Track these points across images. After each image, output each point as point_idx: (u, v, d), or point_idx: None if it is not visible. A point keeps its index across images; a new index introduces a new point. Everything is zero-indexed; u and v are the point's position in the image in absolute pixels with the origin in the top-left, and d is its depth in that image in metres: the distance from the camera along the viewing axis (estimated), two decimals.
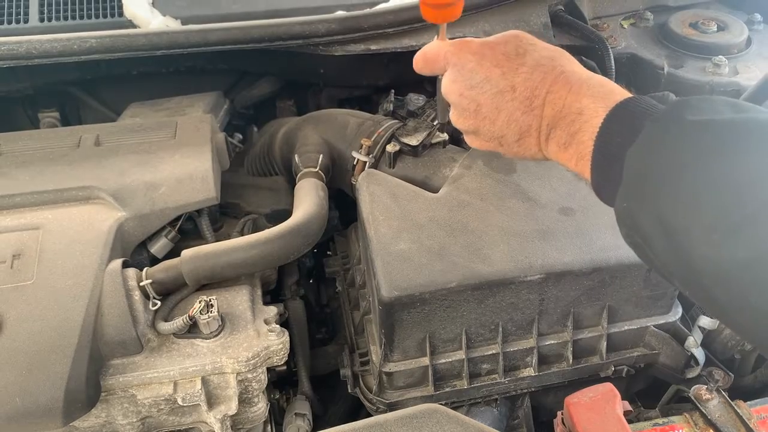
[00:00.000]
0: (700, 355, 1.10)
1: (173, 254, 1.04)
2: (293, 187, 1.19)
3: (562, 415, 0.93)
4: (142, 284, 0.94)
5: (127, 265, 0.97)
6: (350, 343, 1.20)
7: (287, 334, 0.96)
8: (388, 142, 1.18)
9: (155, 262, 1.05)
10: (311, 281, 1.45)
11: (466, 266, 0.95)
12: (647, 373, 1.15)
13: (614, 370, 1.09)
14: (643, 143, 0.62)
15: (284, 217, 1.08)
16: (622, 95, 0.69)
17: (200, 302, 0.92)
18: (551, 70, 0.75)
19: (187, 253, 0.99)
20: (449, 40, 0.86)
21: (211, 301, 0.93)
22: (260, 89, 1.52)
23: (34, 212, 1.02)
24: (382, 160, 1.18)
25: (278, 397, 1.16)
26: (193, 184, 1.07)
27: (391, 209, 1.04)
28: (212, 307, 0.92)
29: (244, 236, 1.05)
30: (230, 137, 1.29)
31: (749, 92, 1.21)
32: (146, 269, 0.98)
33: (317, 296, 1.44)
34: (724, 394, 0.97)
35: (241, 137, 1.40)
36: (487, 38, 0.82)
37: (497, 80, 0.78)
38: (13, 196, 1.03)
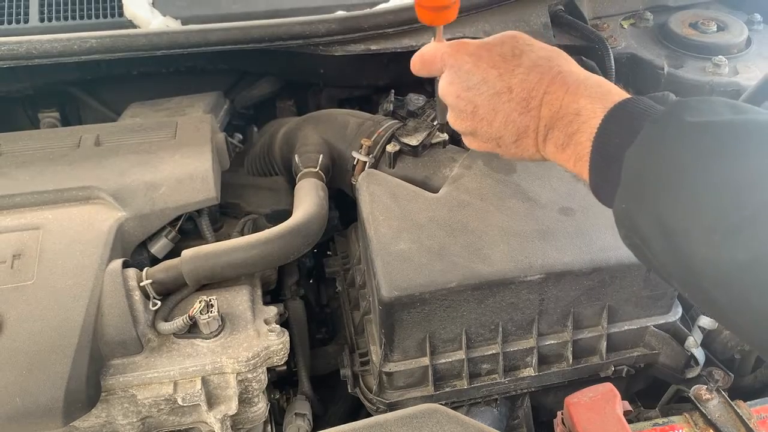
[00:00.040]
0: (700, 355, 1.10)
1: (173, 254, 1.04)
2: (293, 187, 1.19)
3: (562, 415, 0.93)
4: (142, 284, 0.95)
5: (127, 265, 0.97)
6: (350, 343, 1.20)
7: (287, 334, 0.96)
8: (388, 142, 1.18)
9: (155, 262, 1.05)
10: (311, 281, 1.45)
11: (466, 266, 0.96)
12: (647, 373, 1.15)
13: (614, 370, 1.09)
14: (642, 144, 0.62)
15: (284, 217, 1.08)
16: (620, 96, 0.69)
17: (200, 302, 0.92)
18: (548, 70, 0.75)
19: (187, 253, 0.99)
20: (447, 41, 0.85)
21: (211, 301, 0.93)
22: (260, 89, 1.52)
23: (34, 212, 1.02)
24: (382, 160, 1.18)
25: (278, 397, 1.16)
26: (193, 184, 1.07)
27: (391, 209, 1.04)
28: (212, 307, 0.93)
29: (244, 236, 1.05)
30: (230, 137, 1.29)
31: (749, 92, 1.21)
32: (146, 269, 0.98)
33: (317, 296, 1.44)
34: (724, 394, 0.97)
35: (241, 137, 1.40)
36: (483, 39, 0.82)
37: (494, 81, 0.77)
38: (13, 196, 1.03)
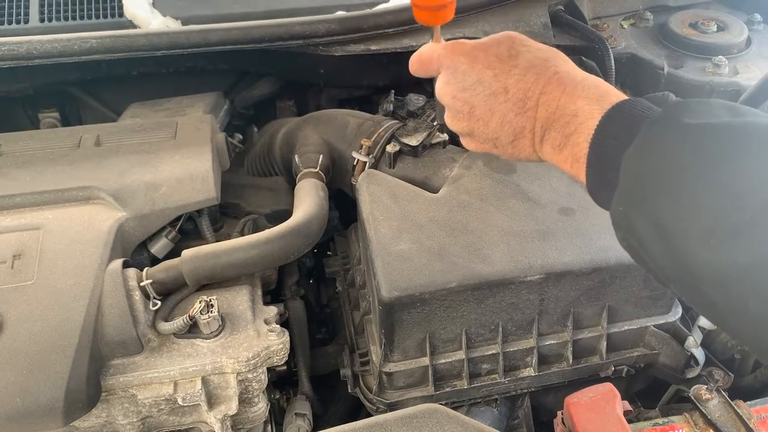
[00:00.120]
0: (700, 355, 1.10)
1: (173, 254, 1.05)
2: (293, 187, 1.19)
3: (562, 415, 0.93)
4: (142, 284, 0.95)
5: (127, 265, 0.97)
6: (350, 343, 1.20)
7: (287, 334, 0.96)
8: (388, 142, 1.18)
9: (155, 262, 1.05)
10: (311, 281, 1.45)
11: (466, 266, 0.96)
12: (647, 373, 1.15)
13: (614, 370, 1.09)
14: (640, 146, 0.61)
15: (284, 217, 1.08)
16: (617, 97, 0.69)
17: (200, 302, 0.92)
18: (545, 71, 0.75)
19: (187, 253, 0.99)
20: (444, 41, 0.85)
21: (211, 301, 0.93)
22: (260, 89, 1.52)
23: (34, 212, 1.02)
24: (382, 160, 1.18)
25: (278, 397, 1.16)
26: (193, 184, 1.07)
27: (391, 209, 1.04)
28: (212, 307, 0.93)
29: (244, 236, 1.05)
30: (230, 137, 1.29)
31: (749, 92, 1.21)
32: (146, 269, 0.98)
33: (317, 296, 1.44)
34: (724, 394, 0.97)
35: (241, 137, 1.40)
36: (480, 40, 0.81)
37: (489, 82, 0.77)
38: (13, 196, 1.03)
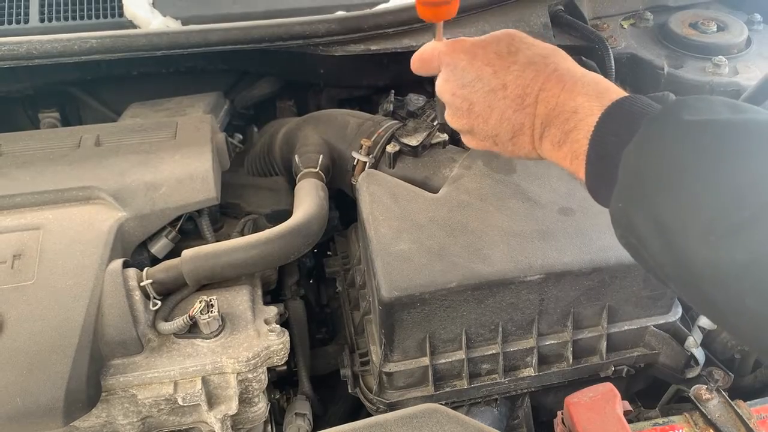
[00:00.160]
0: (700, 355, 1.10)
1: (173, 254, 1.05)
2: (293, 187, 1.19)
3: (562, 414, 0.93)
4: (142, 284, 0.95)
5: (127, 265, 0.97)
6: (350, 343, 1.20)
7: (287, 334, 0.96)
8: (388, 142, 1.18)
9: (156, 262, 1.05)
10: (311, 281, 1.45)
11: (466, 266, 0.96)
12: (647, 373, 1.15)
13: (614, 370, 1.09)
14: (639, 143, 0.61)
15: (284, 217, 1.08)
16: (617, 94, 0.69)
17: (200, 302, 0.92)
18: (544, 68, 0.75)
19: (187, 253, 0.99)
20: (445, 40, 0.86)
21: (211, 301, 0.93)
22: (260, 89, 1.52)
23: (34, 212, 1.02)
24: (382, 160, 1.18)
25: (278, 397, 1.16)
26: (193, 184, 1.07)
27: (391, 209, 1.04)
28: (212, 307, 0.93)
29: (244, 236, 1.05)
30: (230, 137, 1.29)
31: (749, 92, 1.21)
32: (147, 269, 0.98)
33: (317, 296, 1.44)
34: (724, 393, 0.97)
35: (241, 137, 1.40)
36: (479, 37, 0.81)
37: (489, 78, 0.77)
38: (13, 196, 1.03)
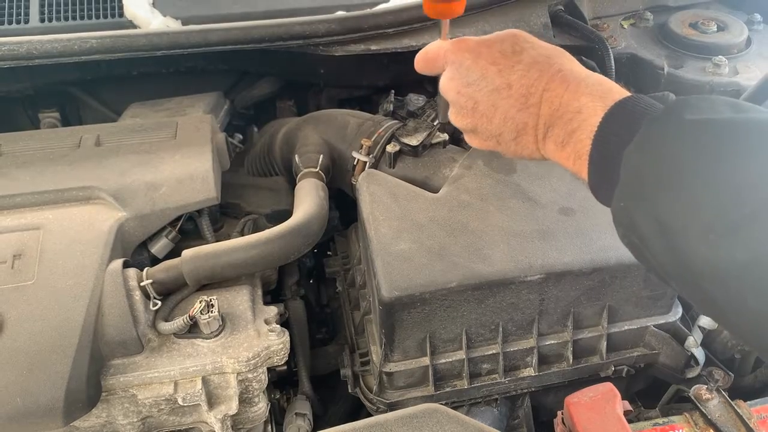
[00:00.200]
0: (700, 354, 1.10)
1: (174, 254, 1.05)
2: (293, 187, 1.19)
3: (562, 414, 0.93)
4: (142, 284, 0.95)
5: (127, 265, 0.97)
6: (350, 343, 1.20)
7: (287, 334, 0.96)
8: (388, 142, 1.18)
9: (156, 262, 1.05)
10: (311, 281, 1.45)
11: (466, 266, 0.96)
12: (647, 372, 1.15)
13: (614, 369, 1.09)
14: (641, 142, 0.61)
15: (284, 217, 1.08)
16: (620, 94, 0.69)
17: (201, 302, 0.92)
18: (548, 68, 0.75)
19: (187, 253, 0.99)
20: (450, 39, 0.86)
21: (211, 301, 0.93)
22: (260, 89, 1.52)
23: (34, 212, 1.02)
24: (382, 160, 1.18)
25: (279, 397, 1.16)
26: (193, 184, 1.07)
27: (391, 209, 1.04)
28: (213, 307, 0.93)
29: (244, 236, 1.05)
30: (230, 137, 1.29)
31: (749, 92, 1.21)
32: (147, 269, 0.98)
33: (317, 296, 1.44)
34: (724, 393, 0.97)
35: (241, 137, 1.40)
36: (484, 36, 0.82)
37: (493, 77, 0.77)
38: (13, 196, 1.03)
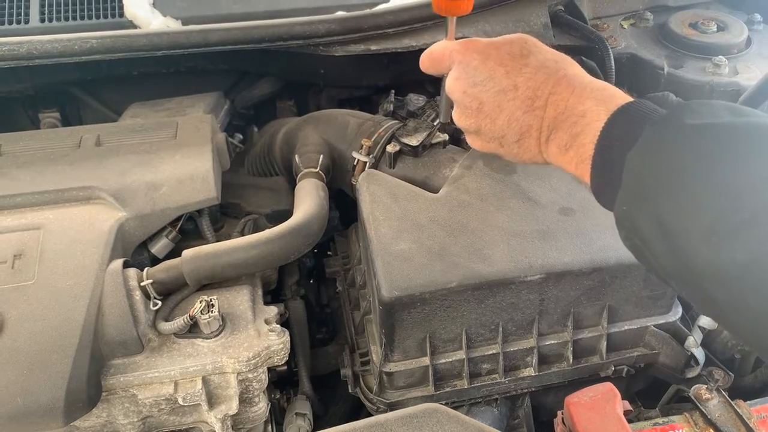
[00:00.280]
0: (700, 354, 1.10)
1: (174, 254, 1.05)
2: (293, 187, 1.19)
3: (562, 414, 0.93)
4: (142, 284, 0.95)
5: (127, 265, 0.97)
6: (351, 343, 1.20)
7: (288, 334, 0.96)
8: (388, 142, 1.18)
9: (156, 262, 1.05)
10: (312, 281, 1.45)
11: (466, 266, 0.96)
12: (647, 372, 1.15)
13: (614, 369, 1.09)
14: (642, 146, 0.62)
15: (285, 217, 1.08)
16: (623, 99, 0.70)
17: (201, 302, 0.93)
18: (555, 72, 0.76)
19: (187, 253, 0.99)
20: (456, 39, 0.86)
21: (211, 301, 0.93)
22: (260, 89, 1.52)
23: (35, 212, 1.02)
24: (382, 160, 1.18)
25: (279, 396, 1.16)
26: (193, 184, 1.07)
27: (391, 209, 1.04)
28: (213, 306, 0.93)
29: (244, 236, 1.05)
30: (231, 137, 1.29)
31: (749, 92, 1.21)
32: (147, 269, 0.98)
33: (318, 296, 1.45)
34: (724, 393, 0.97)
35: (241, 137, 1.40)
36: (493, 39, 0.83)
37: (500, 78, 0.78)
38: (14, 196, 1.03)
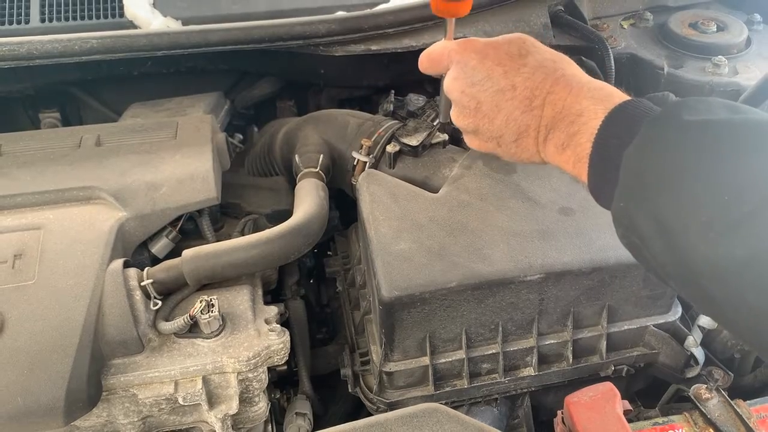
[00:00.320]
0: (699, 354, 1.10)
1: (174, 254, 1.05)
2: (293, 187, 1.19)
3: (562, 414, 0.93)
4: (143, 284, 0.95)
5: (128, 265, 0.97)
6: (351, 342, 1.20)
7: (288, 333, 0.96)
8: (388, 142, 1.18)
9: (156, 262, 1.05)
10: (312, 281, 1.45)
11: (466, 266, 0.96)
12: (647, 372, 1.15)
13: (614, 369, 1.09)
14: (640, 144, 0.62)
15: (285, 217, 1.08)
16: (621, 98, 0.70)
17: (201, 302, 0.93)
18: (552, 71, 0.76)
19: (187, 252, 0.99)
20: (455, 39, 0.86)
21: (211, 300, 0.93)
22: (261, 89, 1.52)
23: (35, 212, 1.02)
24: (382, 160, 1.18)
25: (279, 396, 1.16)
26: (194, 184, 1.07)
27: (391, 209, 1.04)
28: (213, 306, 0.93)
29: (244, 236, 1.05)
30: (231, 137, 1.29)
31: (749, 92, 1.21)
32: (147, 269, 0.98)
33: (318, 296, 1.45)
34: (723, 393, 0.97)
35: (241, 137, 1.40)
36: (491, 38, 0.83)
37: (498, 78, 0.78)
38: (14, 196, 1.03)
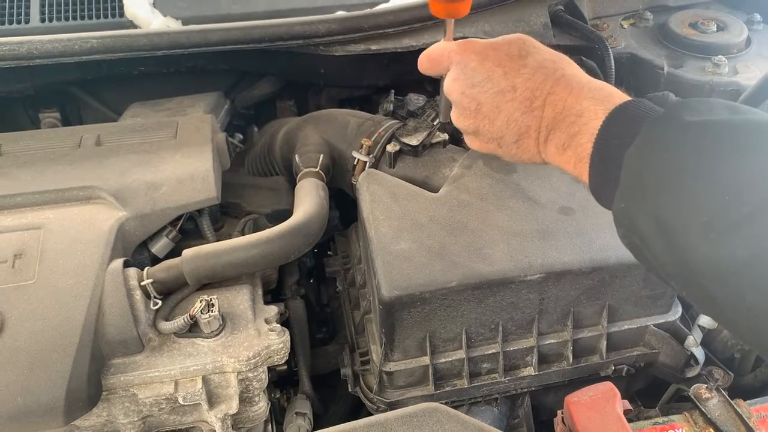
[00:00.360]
0: (699, 354, 1.10)
1: (174, 254, 1.05)
2: (294, 187, 1.19)
3: (562, 414, 0.93)
4: (143, 284, 0.95)
5: (128, 264, 0.97)
6: (351, 342, 1.20)
7: (288, 333, 0.96)
8: (388, 142, 1.18)
9: (156, 261, 1.05)
10: (312, 281, 1.45)
11: (466, 266, 0.96)
12: (647, 372, 1.15)
13: (614, 369, 1.09)
14: (641, 144, 0.62)
15: (285, 216, 1.08)
16: (621, 98, 0.70)
17: (201, 301, 0.93)
18: (553, 72, 0.76)
19: (188, 252, 0.99)
20: (454, 40, 0.86)
21: (211, 300, 0.93)
22: (261, 89, 1.52)
23: (35, 212, 1.02)
24: (382, 160, 1.18)
25: (279, 396, 1.16)
26: (194, 183, 1.08)
27: (391, 209, 1.04)
28: (213, 306, 0.93)
29: (244, 236, 1.05)
30: (231, 137, 1.29)
31: (749, 92, 1.21)
32: (147, 269, 0.98)
33: (318, 296, 1.45)
34: (723, 393, 0.97)
35: (241, 137, 1.40)
36: (491, 39, 0.83)
37: (498, 79, 0.78)
38: (14, 195, 1.03)
